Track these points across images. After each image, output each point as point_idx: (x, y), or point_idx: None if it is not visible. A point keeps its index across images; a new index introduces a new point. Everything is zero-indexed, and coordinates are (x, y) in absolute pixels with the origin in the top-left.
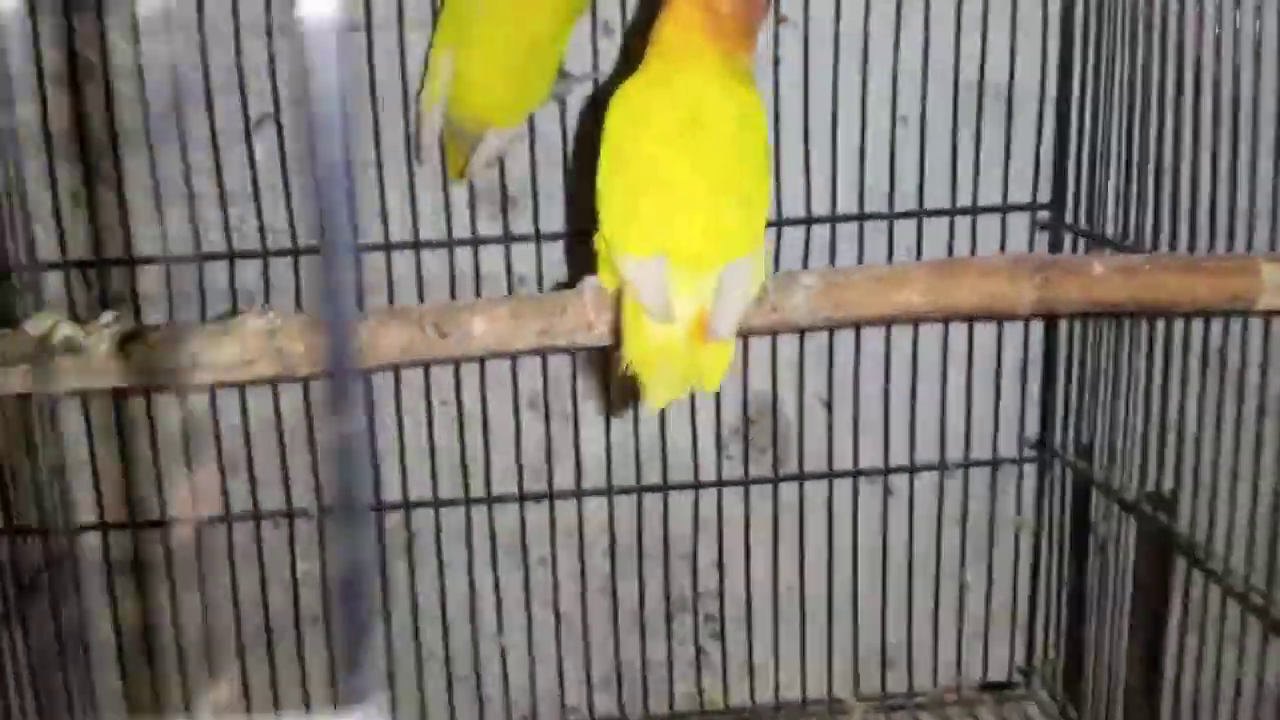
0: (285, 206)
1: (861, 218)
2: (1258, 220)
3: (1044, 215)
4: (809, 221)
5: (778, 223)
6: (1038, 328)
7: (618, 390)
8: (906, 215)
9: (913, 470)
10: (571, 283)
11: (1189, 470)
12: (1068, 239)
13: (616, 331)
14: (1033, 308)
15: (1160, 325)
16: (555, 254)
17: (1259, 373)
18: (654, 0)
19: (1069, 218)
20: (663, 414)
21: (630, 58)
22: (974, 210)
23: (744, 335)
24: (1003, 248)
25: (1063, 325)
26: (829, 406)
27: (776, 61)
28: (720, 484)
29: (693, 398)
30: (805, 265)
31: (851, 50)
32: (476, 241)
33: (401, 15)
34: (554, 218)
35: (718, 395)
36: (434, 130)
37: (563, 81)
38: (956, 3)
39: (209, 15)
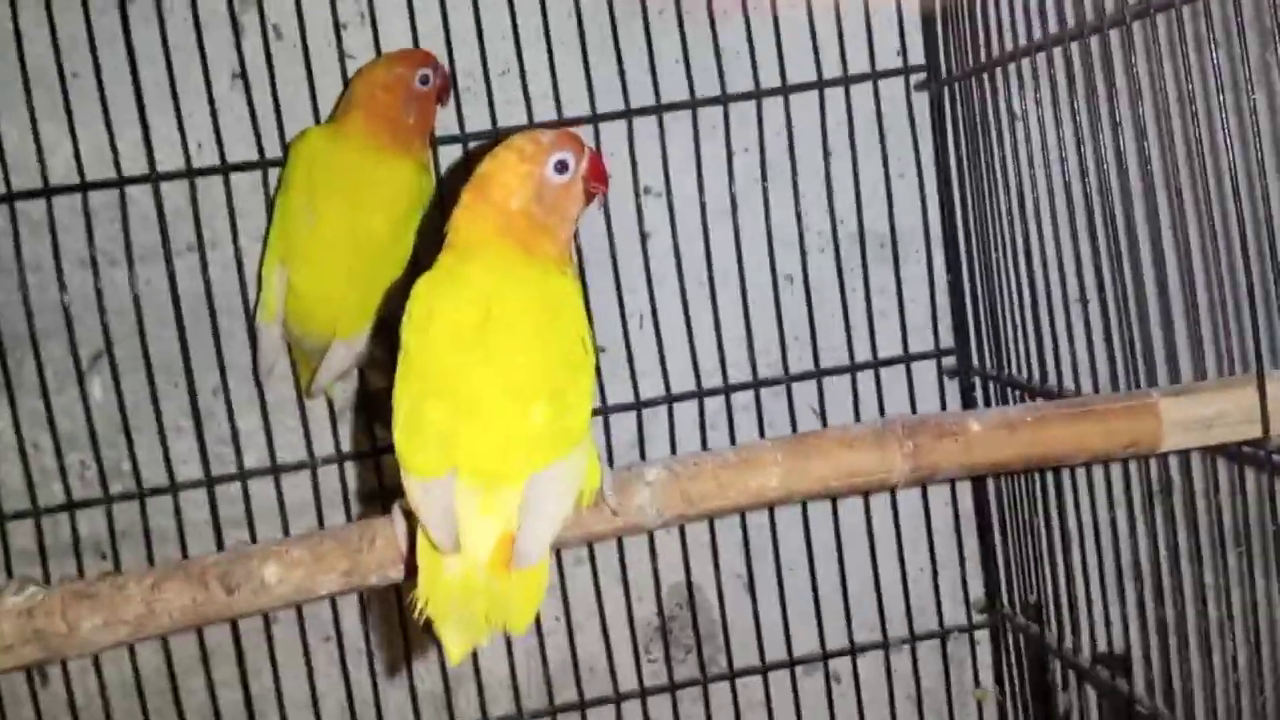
0: (127, 446)
1: (756, 385)
2: (1179, 345)
3: (949, 361)
4: (700, 395)
5: (666, 399)
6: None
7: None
8: (803, 377)
9: (854, 652)
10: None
11: (1141, 625)
12: (978, 384)
13: (413, 566)
14: (907, 479)
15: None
16: None
17: (1212, 506)
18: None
19: (976, 361)
20: (569, 621)
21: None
22: (875, 364)
23: (589, 542)
24: (911, 400)
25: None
26: (751, 589)
27: (644, 236)
28: (644, 693)
29: (599, 595)
30: (704, 442)
31: (721, 215)
32: (341, 459)
33: (235, 228)
34: None
35: (627, 591)
36: (275, 346)
37: None
38: (823, 155)
39: (29, 251)
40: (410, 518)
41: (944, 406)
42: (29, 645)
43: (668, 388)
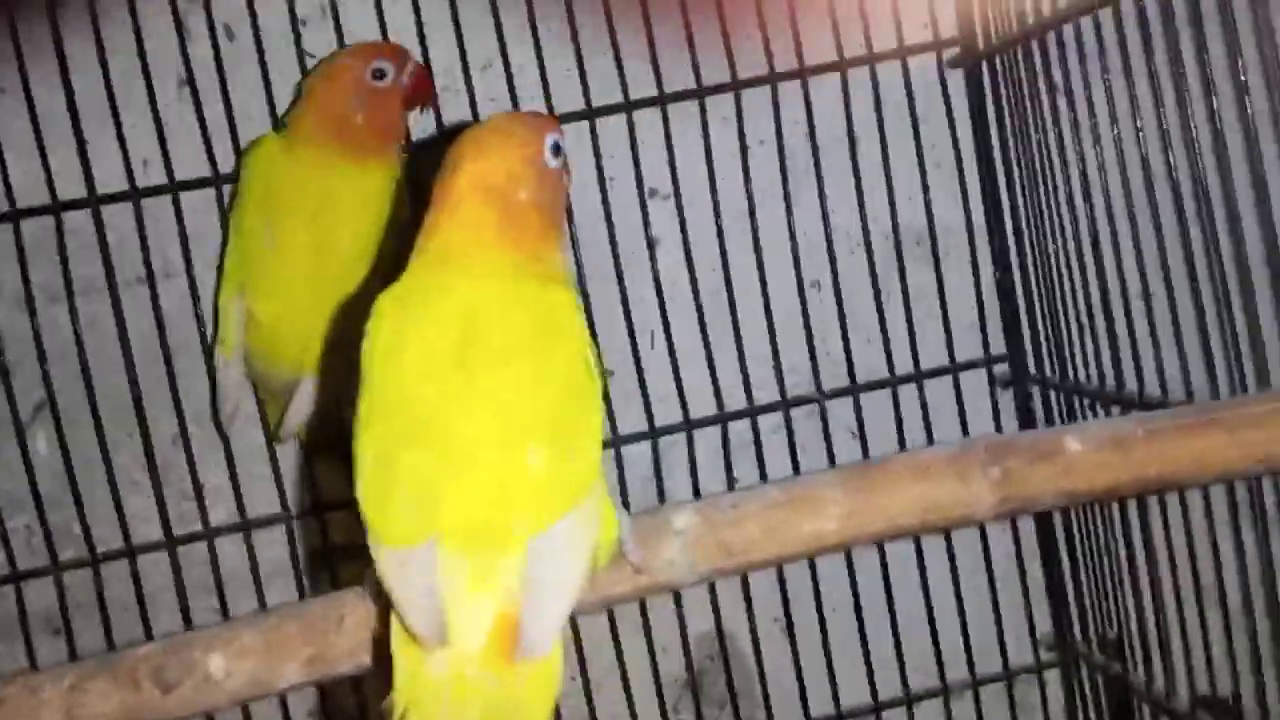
0: (76, 506)
1: (786, 404)
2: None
3: (1001, 369)
4: (722, 419)
5: (685, 425)
6: None
7: None
8: (838, 394)
9: (910, 701)
10: None
11: (1254, 664)
12: (1036, 393)
13: (385, 658)
14: (995, 512)
15: None
16: None
17: None
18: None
19: (1033, 368)
20: (585, 678)
21: None
22: (917, 376)
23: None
24: (961, 414)
25: None
26: (790, 632)
27: (651, 243)
28: None
29: (618, 648)
30: (729, 471)
31: (736, 216)
32: (321, 509)
33: (189, 259)
34: None
35: (650, 642)
36: (236, 386)
37: None
38: (848, 145)
39: None
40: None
41: (997, 419)
42: None
43: (686, 413)
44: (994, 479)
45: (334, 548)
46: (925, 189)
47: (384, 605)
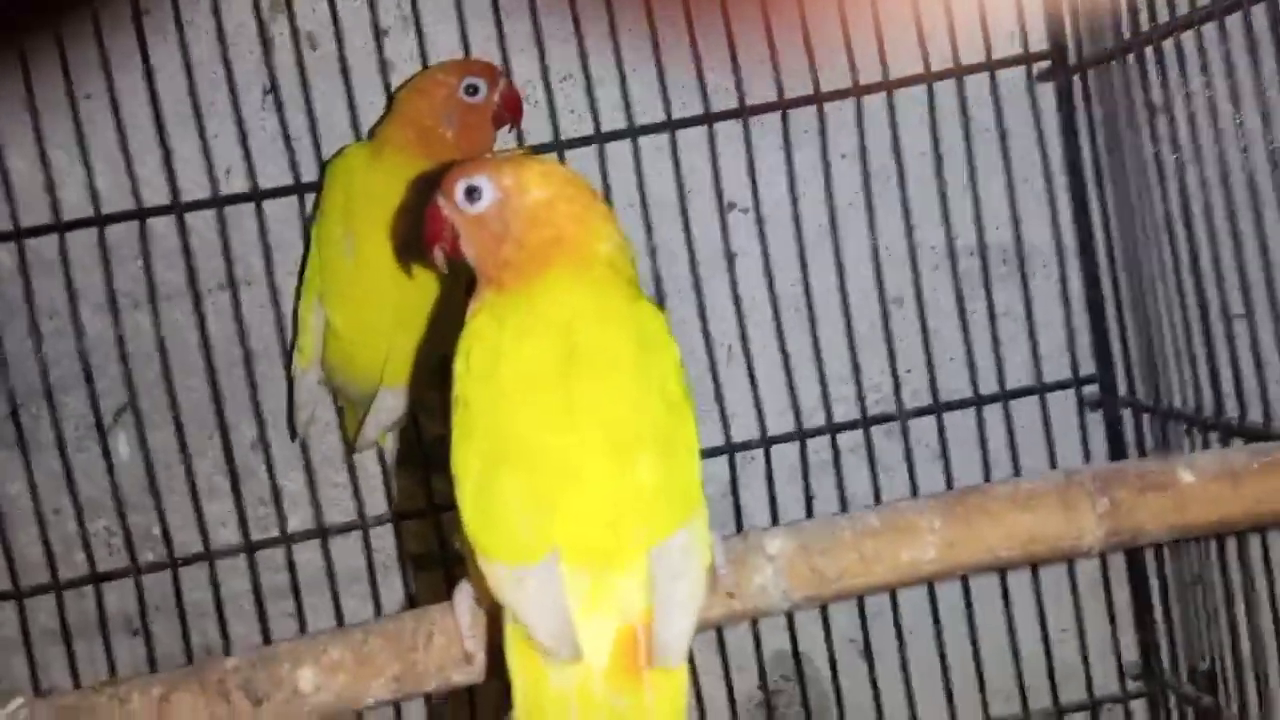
0: (156, 509)
1: (866, 423)
2: None
3: (1091, 391)
4: (801, 436)
5: (763, 442)
6: None
7: None
8: (920, 413)
9: None
10: None
11: None
12: (1127, 416)
13: (501, 671)
14: (1102, 545)
15: None
16: None
17: None
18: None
19: (1123, 390)
20: None
21: None
22: (1003, 396)
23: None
24: (1048, 437)
25: None
26: (868, 655)
27: (731, 256)
28: None
29: (692, 667)
30: (806, 491)
31: (818, 232)
32: (396, 518)
33: (270, 267)
34: None
35: (725, 662)
36: (313, 394)
37: None
38: (934, 159)
39: (42, 294)
40: (490, 606)
41: (1086, 442)
42: None
43: (763, 429)
44: (1102, 510)
45: (409, 557)
46: (1013, 204)
47: (485, 620)
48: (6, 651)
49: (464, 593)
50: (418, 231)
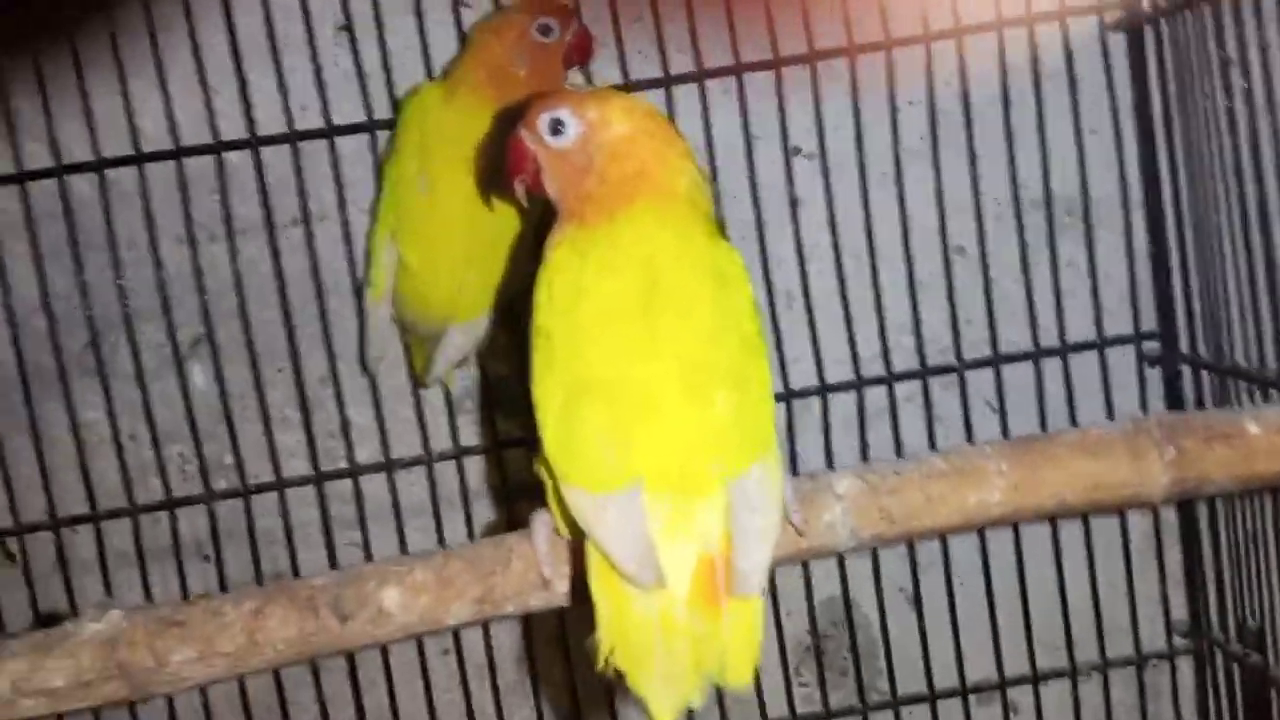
0: (230, 439)
1: (924, 373)
2: None
3: (1151, 346)
4: (859, 385)
5: (820, 389)
6: None
7: None
8: (979, 364)
9: (1036, 680)
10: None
11: None
12: (1188, 374)
13: (584, 593)
14: (1167, 493)
15: None
16: None
17: None
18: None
19: (1184, 346)
20: None
21: None
22: (1063, 350)
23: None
24: (1106, 392)
25: None
26: (917, 604)
27: (794, 202)
28: None
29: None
30: (862, 439)
31: (882, 179)
32: (459, 454)
33: (343, 203)
34: None
35: (775, 606)
36: (384, 329)
37: None
38: (1002, 108)
39: (121, 225)
40: (569, 534)
41: (1144, 398)
42: (111, 682)
43: (821, 377)
44: (1169, 459)
45: (471, 493)
46: (1080, 156)
47: (558, 548)
48: (83, 573)
49: (541, 520)
50: (497, 166)
